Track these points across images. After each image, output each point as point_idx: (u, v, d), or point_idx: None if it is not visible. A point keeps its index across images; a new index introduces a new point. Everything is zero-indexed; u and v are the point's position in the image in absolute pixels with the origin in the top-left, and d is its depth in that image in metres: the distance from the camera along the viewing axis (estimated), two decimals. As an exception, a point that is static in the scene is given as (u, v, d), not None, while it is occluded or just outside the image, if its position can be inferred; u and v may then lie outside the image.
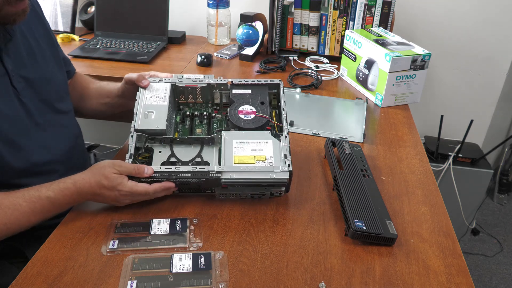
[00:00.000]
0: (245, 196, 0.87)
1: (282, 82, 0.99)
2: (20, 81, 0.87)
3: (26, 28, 0.91)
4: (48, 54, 0.96)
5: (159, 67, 1.55)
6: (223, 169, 0.82)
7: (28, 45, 0.90)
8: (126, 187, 0.80)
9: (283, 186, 0.85)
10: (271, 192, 0.87)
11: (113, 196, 0.80)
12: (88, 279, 0.69)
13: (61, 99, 0.98)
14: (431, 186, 0.95)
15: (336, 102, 1.34)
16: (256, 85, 0.99)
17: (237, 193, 0.87)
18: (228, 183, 0.82)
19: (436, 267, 0.74)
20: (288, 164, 0.83)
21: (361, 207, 0.82)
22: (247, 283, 0.70)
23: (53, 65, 0.97)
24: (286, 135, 0.89)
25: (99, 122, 2.22)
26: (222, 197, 0.88)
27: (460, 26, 1.79)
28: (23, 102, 0.87)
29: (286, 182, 0.83)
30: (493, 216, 2.20)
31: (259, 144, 0.87)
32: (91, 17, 1.81)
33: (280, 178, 0.82)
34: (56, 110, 0.96)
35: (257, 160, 0.84)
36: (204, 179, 0.82)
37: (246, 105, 0.95)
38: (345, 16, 1.56)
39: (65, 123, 0.99)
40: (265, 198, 0.88)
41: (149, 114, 0.90)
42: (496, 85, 1.90)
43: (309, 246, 0.77)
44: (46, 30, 0.97)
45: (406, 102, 1.34)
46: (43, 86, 0.92)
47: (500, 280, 1.85)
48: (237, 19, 1.72)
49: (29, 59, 0.90)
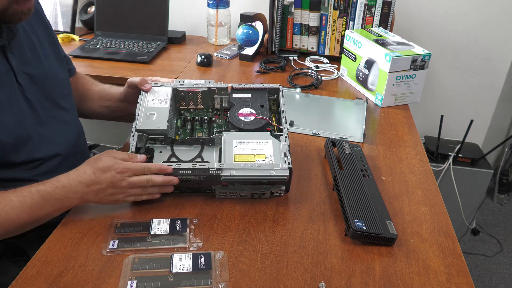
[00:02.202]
0: (245, 195, 0.87)
1: (281, 86, 1.01)
2: (24, 78, 0.88)
3: (28, 26, 0.92)
4: (50, 52, 0.97)
5: (159, 67, 1.55)
6: (223, 167, 0.82)
7: (31, 43, 0.92)
8: (121, 164, 0.78)
9: (283, 184, 0.85)
10: (271, 192, 0.87)
11: (109, 178, 0.77)
12: (88, 279, 0.69)
13: (63, 96, 0.99)
14: (431, 186, 0.95)
15: (336, 102, 1.34)
16: (256, 89, 1.02)
17: (237, 192, 0.87)
18: (228, 180, 0.83)
19: (436, 267, 0.74)
20: (288, 162, 0.84)
21: (361, 207, 0.82)
22: (247, 283, 0.70)
23: (55, 63, 0.98)
24: (286, 135, 0.89)
25: (99, 122, 2.21)
26: (222, 196, 0.88)
27: (460, 26, 1.79)
28: (27, 98, 0.88)
29: (286, 179, 0.83)
30: (493, 216, 2.20)
31: (259, 143, 0.88)
32: (91, 17, 1.81)
33: (280, 175, 0.82)
34: (59, 107, 0.97)
35: (257, 158, 0.85)
36: (204, 176, 0.82)
37: (246, 108, 0.96)
38: (345, 16, 1.56)
39: (68, 120, 1.00)
40: (265, 198, 0.88)
41: (150, 116, 0.91)
42: (496, 85, 1.90)
43: (309, 246, 0.77)
44: (47, 29, 0.98)
45: (406, 102, 1.34)
46: (46, 83, 0.93)
47: (500, 280, 1.85)
48: (237, 19, 1.72)
49: (32, 56, 0.91)
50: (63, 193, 0.77)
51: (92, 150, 1.23)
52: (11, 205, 0.74)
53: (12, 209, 0.73)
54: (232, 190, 0.86)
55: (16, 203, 0.74)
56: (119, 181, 0.78)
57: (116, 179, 0.78)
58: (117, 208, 0.84)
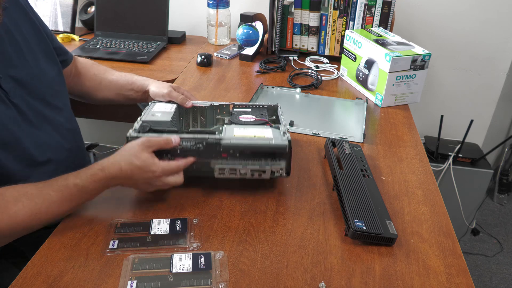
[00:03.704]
0: (245, 173, 0.86)
1: (279, 105, 1.06)
2: (9, 82, 0.84)
3: (11, 24, 0.88)
4: (37, 50, 0.93)
5: (159, 67, 1.55)
6: (223, 137, 0.85)
7: (15, 42, 0.88)
8: (159, 167, 0.80)
9: (284, 158, 0.85)
10: (272, 171, 0.86)
11: (146, 178, 0.80)
12: (88, 279, 0.69)
13: (55, 95, 0.96)
14: (431, 186, 0.95)
15: (336, 102, 1.34)
16: (256, 106, 1.06)
17: (236, 170, 0.86)
18: (227, 146, 0.83)
19: (436, 267, 0.74)
20: (288, 138, 0.86)
21: (361, 207, 0.82)
22: (247, 283, 0.70)
23: (44, 61, 0.94)
24: (285, 124, 0.94)
25: (99, 122, 2.22)
26: (221, 175, 0.86)
27: (460, 26, 1.79)
28: (14, 103, 0.84)
29: (286, 149, 0.84)
30: (493, 216, 2.20)
31: (258, 129, 0.91)
32: (91, 17, 1.81)
33: (280, 144, 0.84)
34: (51, 107, 0.94)
35: (257, 137, 0.87)
36: (204, 143, 0.83)
37: (246, 114, 1.02)
38: (345, 16, 1.56)
39: (61, 120, 0.97)
40: (265, 178, 0.87)
41: (156, 114, 0.97)
42: (496, 85, 1.90)
43: (309, 246, 0.77)
44: (34, 26, 0.94)
45: (406, 102, 1.34)
46: (35, 83, 0.90)
47: (500, 280, 1.85)
48: (237, 19, 1.72)
49: (17, 57, 0.87)
50: (100, 186, 0.79)
51: (91, 150, 1.23)
52: (50, 199, 0.75)
53: (52, 203, 0.75)
54: (232, 166, 0.86)
55: (55, 197, 0.76)
56: (155, 181, 0.81)
57: (152, 180, 0.81)
58: (117, 208, 0.84)
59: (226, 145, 0.83)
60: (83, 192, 0.78)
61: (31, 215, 0.73)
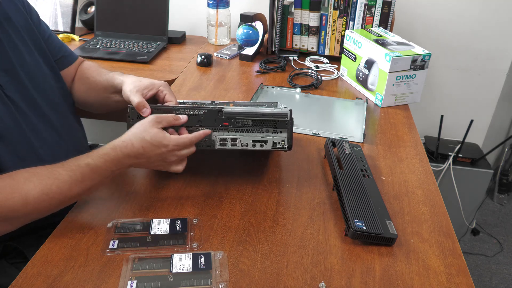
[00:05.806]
0: (246, 144, 0.86)
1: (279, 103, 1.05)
2: (2, 75, 0.83)
3: (4, 19, 0.87)
4: (31, 45, 0.92)
5: (159, 67, 1.55)
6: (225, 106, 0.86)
7: (8, 37, 0.86)
8: (171, 140, 0.80)
9: (285, 127, 0.86)
10: (273, 142, 0.87)
11: (158, 154, 0.80)
12: (88, 279, 0.69)
13: (50, 89, 0.94)
14: (431, 186, 0.95)
15: (336, 102, 1.34)
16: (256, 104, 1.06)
17: (237, 140, 0.86)
18: (229, 114, 0.84)
19: (436, 267, 0.74)
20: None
21: (361, 207, 0.82)
22: (247, 283, 0.70)
23: (37, 56, 0.93)
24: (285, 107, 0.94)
25: (99, 122, 2.22)
26: (222, 146, 0.87)
27: (460, 26, 1.79)
28: (8, 96, 0.83)
29: (287, 117, 0.85)
30: (493, 216, 2.20)
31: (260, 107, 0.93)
32: (91, 17, 1.81)
33: (281, 112, 0.85)
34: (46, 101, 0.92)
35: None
36: (206, 110, 0.84)
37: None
38: (345, 16, 1.56)
39: (56, 114, 0.95)
40: (266, 149, 0.87)
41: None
42: (496, 85, 1.90)
43: (309, 246, 0.77)
44: (25, 20, 0.92)
45: (406, 102, 1.34)
46: (29, 77, 0.88)
47: (500, 280, 1.85)
48: (237, 19, 1.72)
49: (11, 51, 0.86)
50: (113, 166, 0.78)
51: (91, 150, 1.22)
52: (61, 179, 0.74)
53: (63, 183, 0.74)
54: (233, 136, 0.86)
55: (66, 177, 0.75)
56: (169, 156, 0.81)
57: (166, 155, 0.81)
58: (117, 208, 0.84)
59: (227, 112, 0.84)
60: (95, 173, 0.77)
61: (42, 195, 0.73)
